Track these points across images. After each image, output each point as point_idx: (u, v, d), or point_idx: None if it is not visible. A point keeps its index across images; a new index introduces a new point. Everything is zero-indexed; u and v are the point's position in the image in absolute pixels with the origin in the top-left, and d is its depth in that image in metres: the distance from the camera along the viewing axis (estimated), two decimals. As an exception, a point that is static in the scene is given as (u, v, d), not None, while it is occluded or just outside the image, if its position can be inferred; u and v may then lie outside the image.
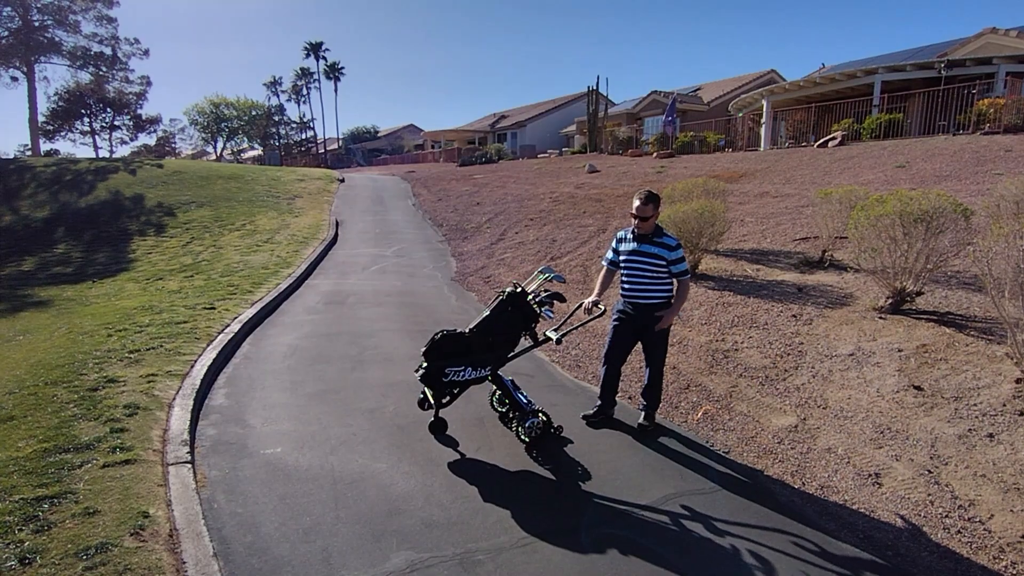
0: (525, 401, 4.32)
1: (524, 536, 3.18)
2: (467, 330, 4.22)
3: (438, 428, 4.34)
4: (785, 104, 22.11)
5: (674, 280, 4.31)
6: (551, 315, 4.34)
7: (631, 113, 31.77)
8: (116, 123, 43.98)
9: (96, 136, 42.79)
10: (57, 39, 34.75)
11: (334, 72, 56.27)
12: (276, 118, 63.34)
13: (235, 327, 6.78)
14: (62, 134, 42.81)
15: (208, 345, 6.09)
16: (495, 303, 4.32)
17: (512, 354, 4.36)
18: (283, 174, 24.16)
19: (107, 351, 5.84)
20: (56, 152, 42.46)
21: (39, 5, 33.75)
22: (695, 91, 32.84)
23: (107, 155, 37.19)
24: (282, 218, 16.04)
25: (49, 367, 5.34)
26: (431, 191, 20.09)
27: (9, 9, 30.91)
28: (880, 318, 5.43)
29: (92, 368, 5.28)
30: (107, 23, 36.88)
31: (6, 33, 30.34)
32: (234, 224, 15.29)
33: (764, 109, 22.44)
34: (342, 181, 23.36)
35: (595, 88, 27.37)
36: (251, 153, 66.94)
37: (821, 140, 17.28)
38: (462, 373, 4.11)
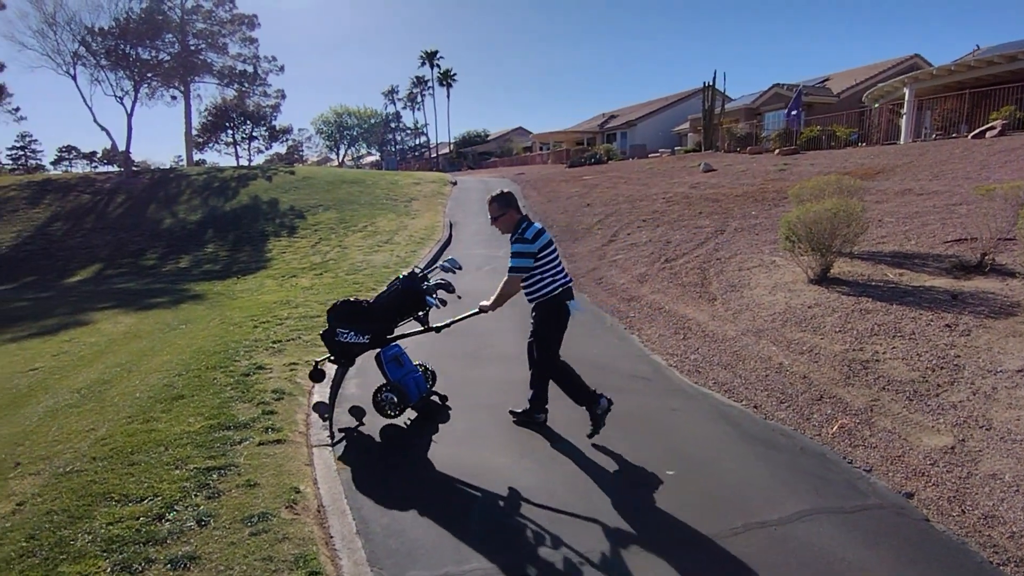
0: (393, 377, 4.55)
1: (649, 540, 3.12)
2: (367, 301, 4.65)
3: (316, 377, 4.93)
4: (932, 92, 20.00)
5: (546, 277, 4.21)
6: (435, 303, 4.55)
7: (750, 108, 30.20)
8: (254, 134, 48.53)
9: (237, 146, 47.43)
10: (209, 60, 38.84)
11: (447, 79, 58.43)
12: (393, 125, 66.87)
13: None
14: (210, 145, 47.96)
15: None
16: (392, 281, 4.70)
17: (397, 332, 4.70)
18: (400, 178, 25.43)
19: (254, 341, 6.45)
20: (203, 162, 47.59)
21: (195, 31, 37.92)
22: (823, 82, 30.61)
23: (246, 163, 41.08)
24: (400, 220, 16.89)
25: (208, 353, 5.98)
26: (540, 193, 20.25)
27: (171, 36, 34.97)
28: (1057, 331, 4.77)
29: (243, 355, 5.85)
30: (250, 44, 40.69)
31: (168, 57, 34.34)
32: (357, 226, 16.31)
33: (906, 98, 20.43)
34: (454, 184, 24.17)
35: (711, 84, 26.31)
36: (369, 158, 71.10)
37: (976, 131, 15.46)
38: (347, 336, 4.55)
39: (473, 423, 4.56)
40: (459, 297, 5.08)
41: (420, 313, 4.64)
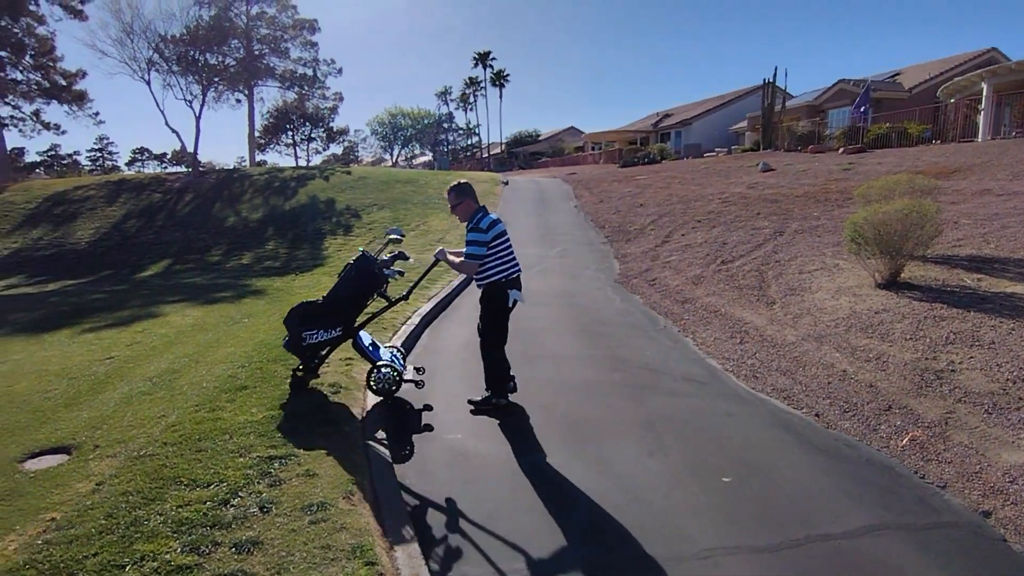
0: (386, 357, 4.72)
1: (704, 549, 3.04)
2: (321, 298, 4.64)
3: (298, 386, 4.68)
4: (1011, 87, 18.77)
5: (495, 264, 4.55)
6: (396, 276, 4.68)
7: (812, 105, 29.13)
8: (312, 135, 50.09)
9: (296, 147, 49.04)
10: (272, 64, 40.34)
11: (499, 79, 58.74)
12: (445, 125, 67.75)
13: (415, 320, 7.34)
14: (271, 146, 49.78)
15: (393, 335, 6.67)
16: (343, 269, 4.69)
17: (364, 316, 4.78)
18: (452, 178, 25.68)
19: (312, 335, 6.63)
20: (264, 162, 49.40)
21: (259, 36, 39.46)
22: (893, 76, 29.21)
23: (304, 164, 42.40)
24: (452, 219, 17.04)
25: (269, 346, 6.19)
26: (592, 193, 20.10)
27: (236, 42, 36.48)
28: None
29: (302, 349, 6.03)
30: (310, 47, 42.06)
31: (234, 62, 35.84)
32: (410, 225, 16.59)
33: (984, 93, 19.26)
34: (506, 184, 24.26)
35: (771, 80, 25.49)
36: (421, 159, 72.21)
37: (1062, 127, 14.42)
38: (316, 336, 4.51)
39: (523, 422, 4.56)
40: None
41: (382, 289, 4.76)
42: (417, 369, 5.02)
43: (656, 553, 3.00)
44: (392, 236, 5.03)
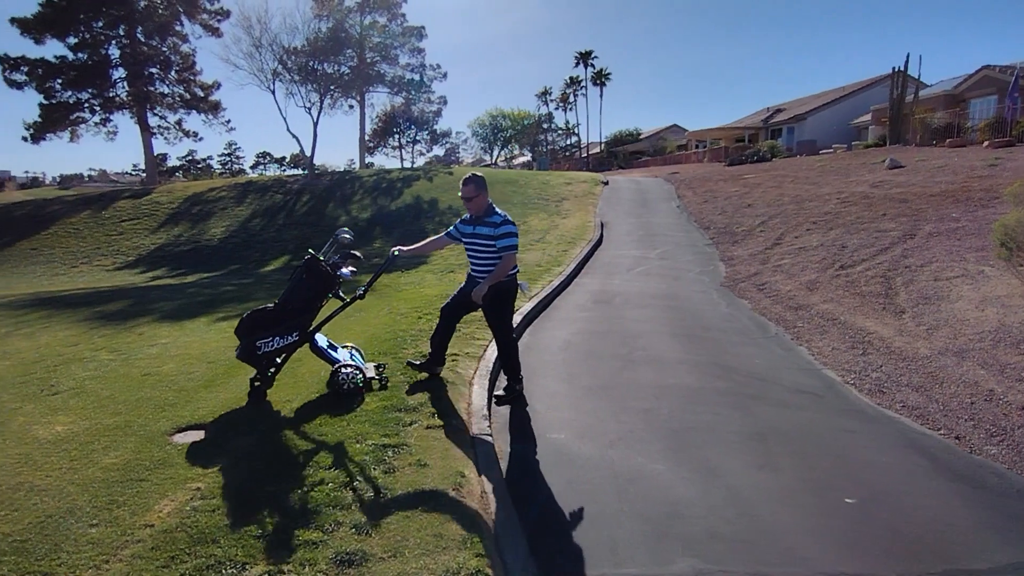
0: (345, 357, 4.72)
1: (822, 573, 2.86)
2: (272, 304, 4.55)
3: (256, 395, 4.53)
4: None
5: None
6: (347, 274, 4.69)
7: (951, 95, 26.40)
8: (417, 138, 52.20)
9: (402, 149, 51.33)
10: (382, 71, 42.35)
11: (600, 78, 58.17)
12: (545, 126, 68.06)
13: (516, 319, 7.43)
14: (379, 149, 52.42)
15: (496, 332, 6.79)
16: (293, 272, 4.61)
17: (320, 318, 4.73)
18: (551, 178, 25.77)
19: (418, 331, 6.91)
20: (372, 164, 52.06)
21: (371, 45, 41.56)
22: (1047, 61, 25.85)
23: (409, 165, 44.23)
24: (551, 219, 17.12)
25: (380, 340, 6.52)
26: (696, 192, 19.43)
27: (350, 51, 38.65)
28: None
29: (409, 344, 6.30)
30: (417, 54, 43.76)
31: (348, 71, 38.00)
32: (510, 224, 16.82)
33: None
34: (606, 184, 23.98)
35: (902, 69, 23.37)
36: (520, 159, 72.97)
37: None
38: (271, 343, 4.40)
39: (625, 426, 4.49)
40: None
41: (335, 290, 4.73)
42: (378, 367, 5.09)
43: (769, 572, 2.85)
44: (343, 238, 5.11)
